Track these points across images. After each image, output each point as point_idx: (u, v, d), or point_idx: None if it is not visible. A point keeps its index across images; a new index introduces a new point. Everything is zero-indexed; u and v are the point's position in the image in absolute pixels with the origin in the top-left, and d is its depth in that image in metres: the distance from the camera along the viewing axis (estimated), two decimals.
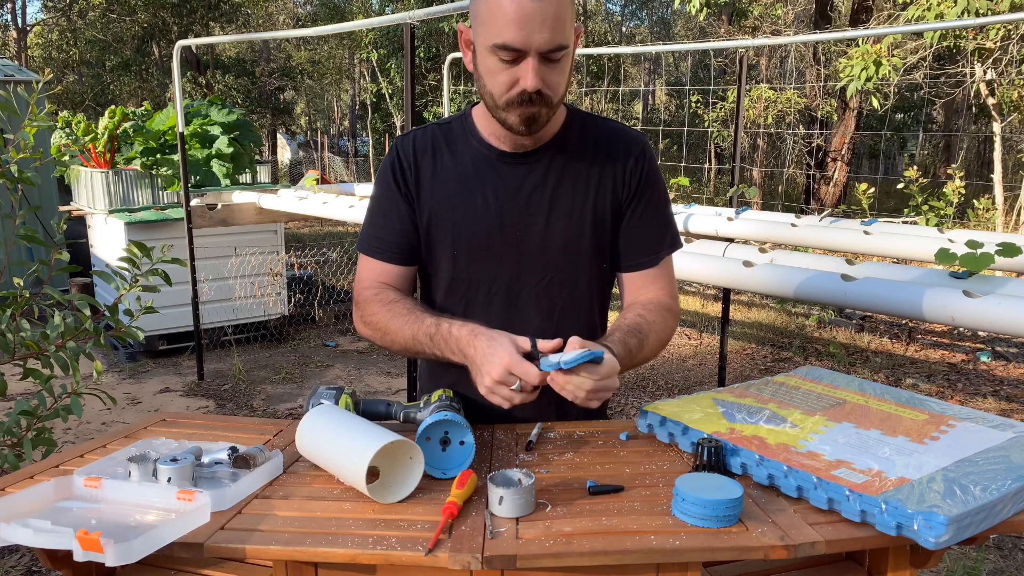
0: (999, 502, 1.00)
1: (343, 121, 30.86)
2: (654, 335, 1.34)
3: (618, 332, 1.31)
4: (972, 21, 3.53)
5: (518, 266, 1.37)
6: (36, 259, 2.28)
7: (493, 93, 1.25)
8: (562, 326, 1.38)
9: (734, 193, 4.00)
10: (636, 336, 1.31)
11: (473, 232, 1.36)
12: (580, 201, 1.37)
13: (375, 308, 1.36)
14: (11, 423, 2.07)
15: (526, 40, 1.17)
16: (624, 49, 4.92)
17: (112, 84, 19.87)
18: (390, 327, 1.34)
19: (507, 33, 1.17)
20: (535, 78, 1.20)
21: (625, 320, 1.35)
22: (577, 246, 1.37)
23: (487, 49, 1.21)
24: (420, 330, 1.29)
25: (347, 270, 7.48)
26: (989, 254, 2.32)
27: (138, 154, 5.65)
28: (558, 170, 1.37)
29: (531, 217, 1.36)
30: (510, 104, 1.24)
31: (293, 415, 4.36)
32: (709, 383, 4.87)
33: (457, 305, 1.40)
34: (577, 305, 1.41)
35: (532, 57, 1.19)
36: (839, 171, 11.66)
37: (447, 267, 1.39)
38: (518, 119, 1.25)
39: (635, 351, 1.30)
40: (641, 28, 33.62)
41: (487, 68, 1.24)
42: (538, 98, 1.22)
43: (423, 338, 1.29)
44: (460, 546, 0.96)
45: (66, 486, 1.10)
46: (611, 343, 1.26)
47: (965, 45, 8.51)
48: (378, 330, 1.36)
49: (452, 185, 1.37)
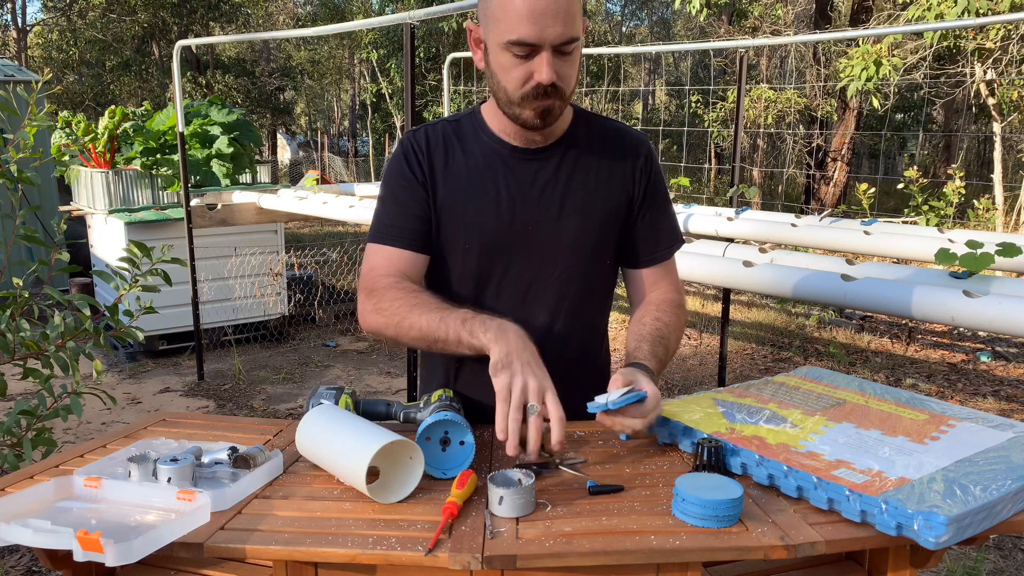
0: (999, 502, 1.00)
1: (343, 121, 30.87)
2: (674, 337, 1.40)
3: (646, 344, 1.32)
4: (972, 21, 3.53)
5: (529, 261, 1.37)
6: (36, 259, 2.28)
7: (507, 89, 1.26)
8: (569, 321, 1.40)
9: (734, 193, 4.00)
10: (662, 344, 1.35)
11: (485, 226, 1.36)
12: (591, 197, 1.38)
13: (396, 294, 1.30)
14: (11, 423, 2.07)
15: (540, 34, 1.19)
16: (624, 49, 4.92)
17: (112, 84, 19.88)
18: (412, 312, 1.27)
19: (521, 29, 1.18)
20: (550, 71, 1.21)
21: (646, 328, 1.36)
22: (587, 241, 1.39)
23: (500, 46, 1.22)
24: (449, 315, 1.23)
25: (347, 270, 7.47)
26: (989, 254, 2.32)
27: (138, 154, 5.65)
28: (570, 166, 1.38)
29: (543, 212, 1.36)
30: (525, 98, 1.25)
31: (293, 415, 4.37)
32: (709, 383, 4.87)
33: (466, 302, 1.39)
34: (585, 300, 1.42)
35: (546, 51, 1.20)
36: (839, 171, 11.66)
37: (458, 261, 1.38)
38: (533, 113, 1.26)
39: (663, 359, 1.34)
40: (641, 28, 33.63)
41: (500, 64, 1.25)
42: (552, 91, 1.24)
43: (454, 321, 1.22)
44: (460, 546, 0.96)
45: (66, 486, 1.10)
46: (643, 359, 1.29)
47: (965, 45, 8.51)
48: (394, 317, 1.29)
49: (464, 179, 1.37)
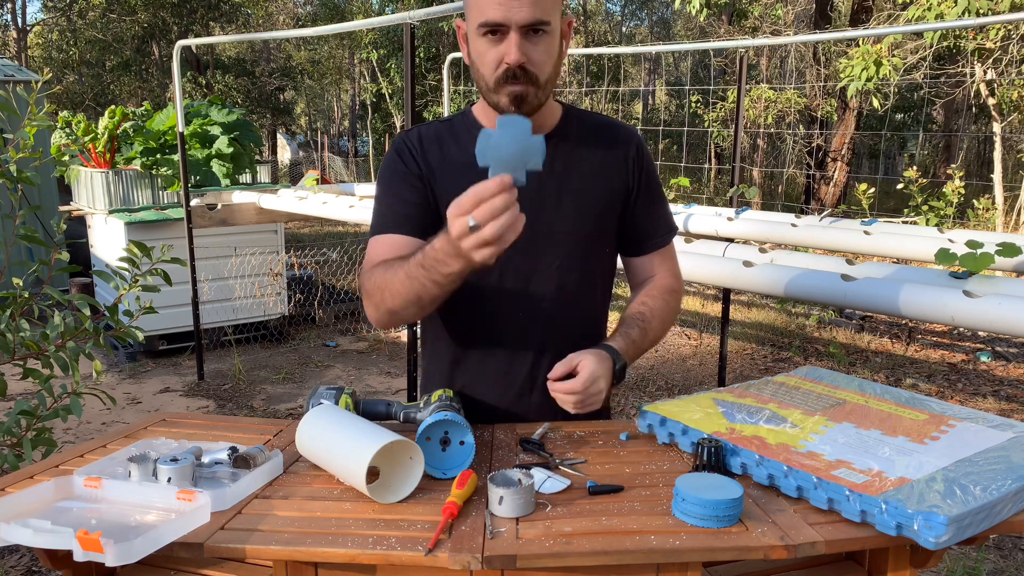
0: (999, 502, 1.00)
1: (343, 121, 30.85)
2: (657, 320, 1.43)
3: (622, 326, 1.41)
4: (972, 21, 3.53)
5: (529, 250, 1.38)
6: (36, 259, 2.28)
7: (484, 75, 1.29)
8: (570, 309, 1.42)
9: (734, 193, 4.00)
10: (639, 326, 1.40)
11: None
12: (587, 186, 1.41)
13: (372, 276, 1.30)
14: (11, 423, 2.07)
15: (506, 15, 1.23)
16: (624, 49, 4.92)
17: (112, 84, 19.87)
18: (388, 279, 1.26)
19: (489, 11, 1.23)
20: (517, 52, 1.24)
21: (628, 311, 1.44)
22: (584, 230, 1.41)
23: (475, 32, 1.27)
24: (411, 264, 1.21)
25: (347, 270, 7.47)
26: (989, 254, 2.32)
27: (138, 154, 5.65)
28: (564, 156, 1.40)
29: (541, 201, 1.38)
30: (498, 83, 1.28)
31: (293, 415, 4.37)
32: (709, 383, 4.87)
33: (466, 292, 1.39)
34: (584, 288, 1.43)
35: (514, 32, 1.24)
36: (839, 171, 11.66)
37: None
38: (508, 99, 1.29)
39: (638, 340, 1.39)
40: (641, 28, 33.62)
41: (478, 52, 1.29)
42: (523, 74, 1.26)
43: (414, 268, 1.20)
44: (460, 546, 0.96)
45: (66, 486, 1.10)
46: (611, 340, 1.37)
47: (965, 45, 8.51)
48: (378, 287, 1.28)
49: (460, 172, 1.37)
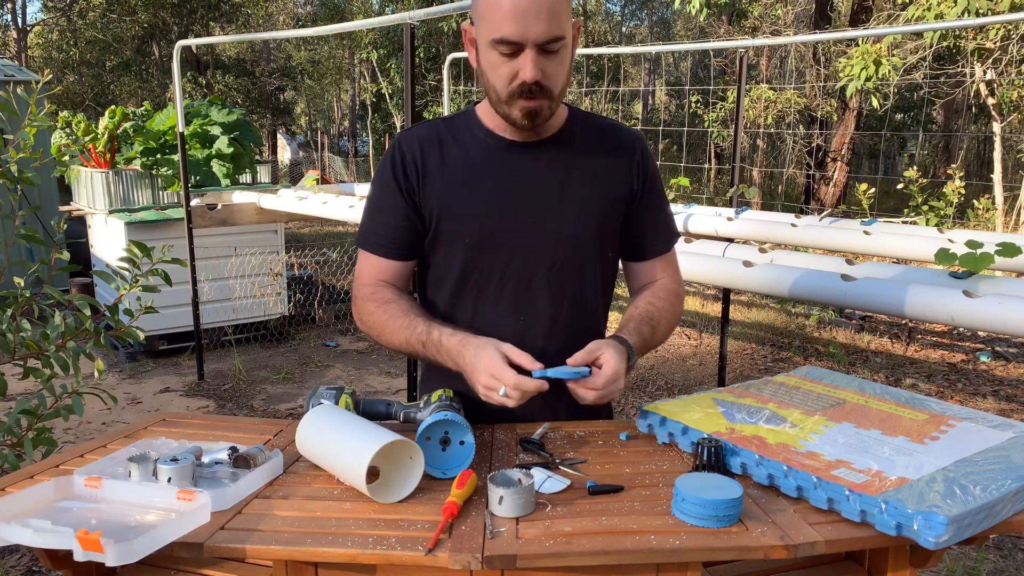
0: (999, 502, 1.00)
1: (343, 121, 30.85)
2: (664, 321, 1.43)
3: (632, 323, 1.39)
4: (972, 21, 3.53)
5: (530, 253, 1.38)
6: (36, 259, 2.28)
7: (496, 87, 1.28)
8: (571, 313, 1.41)
9: (734, 193, 4.00)
10: (649, 324, 1.40)
11: (485, 220, 1.37)
12: (590, 189, 1.40)
13: (371, 308, 1.40)
14: (11, 423, 2.07)
15: (523, 33, 1.21)
16: (624, 49, 4.92)
17: (112, 84, 19.88)
18: (385, 328, 1.38)
19: (505, 27, 1.21)
20: (534, 69, 1.23)
21: (636, 310, 1.43)
22: (587, 233, 1.40)
23: (488, 44, 1.25)
24: (412, 336, 1.34)
25: (347, 270, 7.47)
26: (989, 254, 2.32)
27: (138, 154, 5.65)
28: (566, 159, 1.40)
29: (543, 204, 1.37)
30: (512, 97, 1.27)
31: (293, 415, 4.37)
32: (709, 383, 4.87)
33: (468, 294, 1.40)
34: (584, 292, 1.43)
35: (530, 49, 1.22)
36: (839, 171, 11.65)
37: (459, 256, 1.39)
38: (520, 113, 1.28)
39: (648, 337, 1.39)
40: (641, 28, 33.61)
41: (489, 63, 1.27)
42: (538, 90, 1.26)
43: (416, 344, 1.34)
44: (460, 546, 0.96)
45: (66, 486, 1.10)
46: (625, 334, 1.34)
47: (965, 45, 8.50)
48: (374, 329, 1.41)
49: (461, 174, 1.38)
